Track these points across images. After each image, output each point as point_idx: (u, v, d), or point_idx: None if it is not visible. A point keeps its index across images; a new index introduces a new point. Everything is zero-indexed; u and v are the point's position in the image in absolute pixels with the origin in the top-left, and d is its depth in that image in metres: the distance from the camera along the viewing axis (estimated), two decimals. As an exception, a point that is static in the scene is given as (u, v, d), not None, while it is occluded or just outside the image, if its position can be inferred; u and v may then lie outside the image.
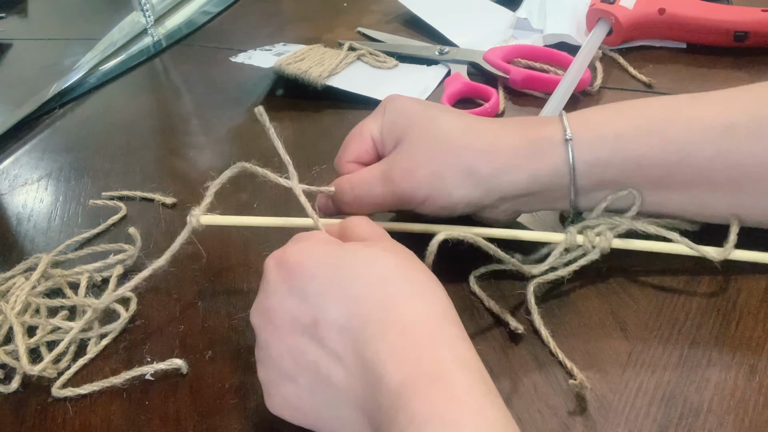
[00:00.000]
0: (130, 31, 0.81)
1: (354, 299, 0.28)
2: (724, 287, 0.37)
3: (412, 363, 0.26)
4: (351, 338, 0.27)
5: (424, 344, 0.26)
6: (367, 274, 0.29)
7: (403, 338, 0.26)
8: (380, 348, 0.26)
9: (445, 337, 0.27)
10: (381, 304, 0.28)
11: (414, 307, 0.28)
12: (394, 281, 0.29)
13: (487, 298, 0.38)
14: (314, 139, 0.57)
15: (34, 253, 0.45)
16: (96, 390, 0.36)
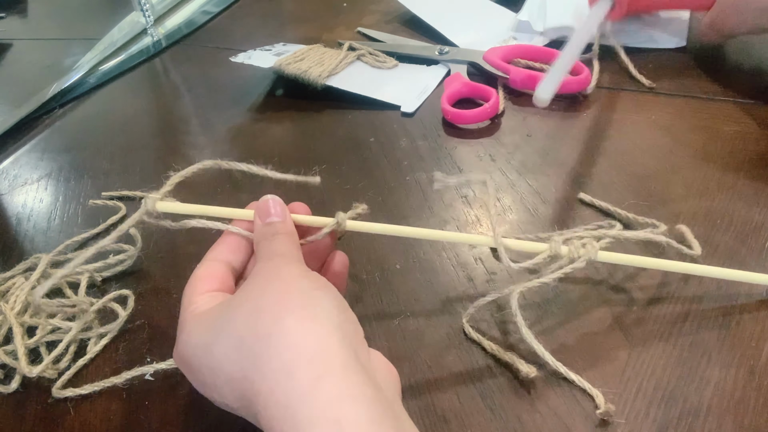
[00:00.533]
0: (130, 31, 0.81)
1: (231, 381, 0.27)
2: (724, 287, 0.37)
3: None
4: (254, 418, 0.26)
5: (282, 414, 0.24)
6: (226, 347, 0.27)
7: (269, 412, 0.24)
8: (263, 424, 0.25)
9: (299, 392, 0.24)
10: (244, 378, 0.26)
11: (268, 372, 0.25)
12: (246, 345, 0.26)
13: (488, 342, 0.36)
14: (314, 139, 0.57)
15: (33, 253, 0.45)
16: (96, 390, 0.36)
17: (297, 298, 0.27)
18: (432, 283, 0.40)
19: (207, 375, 0.28)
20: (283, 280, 0.28)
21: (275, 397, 0.24)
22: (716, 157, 0.48)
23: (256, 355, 0.26)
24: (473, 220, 0.45)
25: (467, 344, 0.36)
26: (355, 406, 0.24)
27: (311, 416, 0.23)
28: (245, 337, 0.26)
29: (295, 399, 0.24)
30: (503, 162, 0.50)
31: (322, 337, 0.26)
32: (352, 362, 0.25)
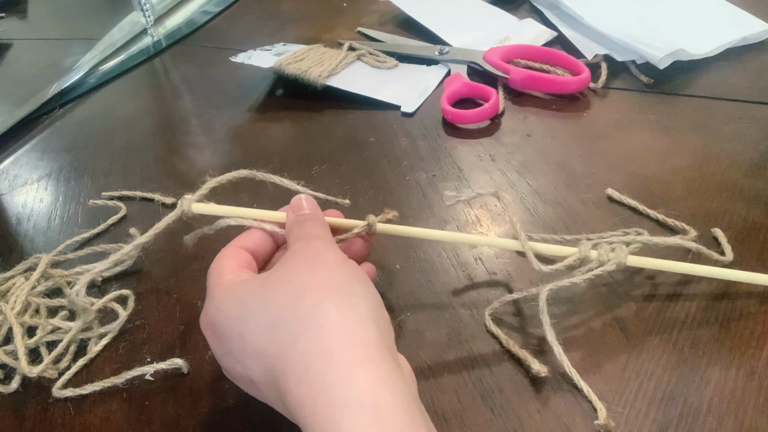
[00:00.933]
0: (130, 31, 0.81)
1: (260, 354, 0.27)
2: (724, 288, 0.37)
3: (311, 415, 0.24)
4: (277, 393, 0.27)
5: (316, 391, 0.25)
6: (262, 325, 0.27)
7: (300, 389, 0.25)
8: (290, 403, 0.25)
9: (336, 373, 0.25)
10: (278, 355, 0.26)
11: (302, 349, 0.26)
12: (282, 326, 0.27)
13: (506, 337, 0.36)
14: (314, 138, 0.57)
15: (34, 253, 0.46)
16: (96, 390, 0.36)
17: (341, 285, 0.28)
18: (432, 283, 0.40)
19: (235, 345, 0.28)
20: (326, 265, 0.29)
21: (310, 376, 0.25)
22: (716, 157, 0.48)
23: (294, 333, 0.26)
24: (473, 220, 0.45)
25: (467, 344, 0.36)
26: (392, 395, 0.24)
27: (348, 398, 0.24)
28: (284, 316, 0.27)
29: (332, 380, 0.24)
30: (503, 162, 0.50)
31: (361, 326, 0.26)
32: (388, 356, 0.26)
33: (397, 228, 0.37)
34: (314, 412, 0.24)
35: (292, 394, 0.25)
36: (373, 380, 0.24)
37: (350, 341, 0.25)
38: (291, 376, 0.25)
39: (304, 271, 0.28)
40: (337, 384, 0.24)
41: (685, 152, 0.49)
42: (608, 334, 0.35)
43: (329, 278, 0.28)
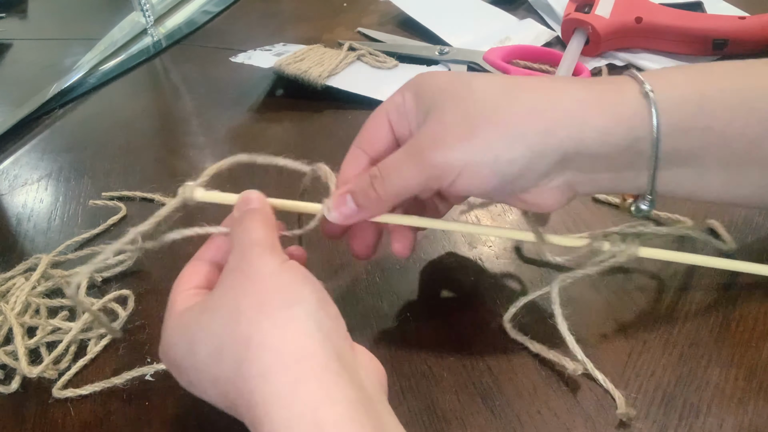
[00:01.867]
0: (130, 31, 0.81)
1: (213, 382, 0.27)
2: (724, 287, 0.37)
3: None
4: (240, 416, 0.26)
5: (257, 415, 0.24)
6: (205, 351, 0.27)
7: (249, 414, 0.25)
8: (247, 424, 0.25)
9: (274, 396, 0.24)
10: (227, 379, 0.26)
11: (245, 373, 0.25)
12: (227, 349, 0.26)
13: (531, 341, 0.35)
14: (314, 139, 0.57)
15: (34, 253, 0.45)
16: (96, 390, 0.36)
17: (275, 298, 0.27)
18: (432, 283, 0.40)
19: (192, 375, 0.28)
20: (260, 278, 0.28)
21: (255, 400, 0.24)
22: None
23: (236, 358, 0.26)
24: (473, 220, 0.45)
25: (467, 344, 0.36)
26: (334, 408, 0.24)
27: (289, 420, 0.23)
28: (225, 341, 0.26)
29: (274, 402, 0.24)
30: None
31: (300, 339, 0.25)
32: (332, 364, 0.25)
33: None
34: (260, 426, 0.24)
35: (246, 418, 0.25)
36: (315, 396, 0.24)
37: (289, 358, 0.25)
38: (241, 401, 0.25)
39: (237, 289, 0.27)
40: (279, 406, 0.24)
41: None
42: (608, 333, 0.35)
43: (263, 294, 0.27)
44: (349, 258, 0.43)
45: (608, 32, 0.59)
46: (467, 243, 0.43)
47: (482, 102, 0.30)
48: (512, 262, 0.41)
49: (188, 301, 0.30)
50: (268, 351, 0.25)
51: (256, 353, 0.25)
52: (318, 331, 0.26)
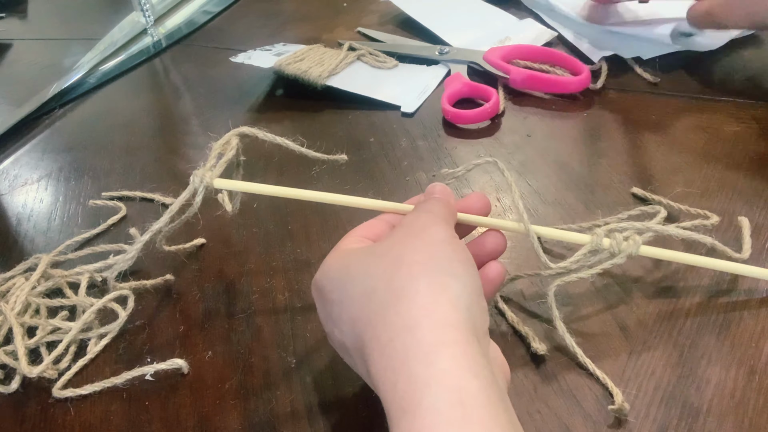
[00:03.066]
0: (130, 31, 0.81)
1: (353, 320, 0.27)
2: (724, 287, 0.37)
3: (390, 389, 0.24)
4: (363, 360, 0.27)
5: (398, 365, 0.24)
6: (359, 292, 0.27)
7: (384, 360, 0.25)
8: (374, 373, 0.25)
9: (420, 349, 0.24)
10: (368, 323, 0.26)
11: (390, 319, 0.26)
12: (376, 295, 0.27)
13: (511, 312, 0.36)
14: (314, 138, 0.56)
15: (34, 253, 0.46)
16: (96, 390, 0.36)
17: (439, 263, 0.27)
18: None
19: (335, 309, 0.28)
20: (428, 241, 0.28)
21: (394, 348, 0.25)
22: (716, 157, 0.48)
23: (384, 304, 0.26)
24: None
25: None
26: (475, 382, 0.23)
27: (430, 376, 0.23)
28: (379, 285, 0.27)
29: (415, 355, 0.24)
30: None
31: (450, 309, 0.25)
32: (474, 341, 0.25)
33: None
34: (394, 387, 0.24)
35: (375, 364, 0.25)
36: (458, 362, 0.24)
37: (437, 320, 0.25)
38: (376, 346, 0.25)
39: (407, 244, 0.28)
40: (419, 361, 0.24)
41: (685, 152, 0.49)
42: (608, 333, 0.35)
43: (428, 254, 0.27)
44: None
45: None
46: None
47: None
48: (511, 262, 0.41)
49: (355, 244, 0.31)
50: (419, 308, 0.25)
51: (406, 306, 0.25)
52: (466, 310, 0.26)
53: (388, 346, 0.25)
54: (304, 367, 0.36)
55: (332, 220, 0.46)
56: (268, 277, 0.42)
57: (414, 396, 0.23)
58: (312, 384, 0.35)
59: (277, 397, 0.34)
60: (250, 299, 0.41)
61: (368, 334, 0.26)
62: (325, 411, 0.33)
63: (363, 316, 0.27)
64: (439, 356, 0.24)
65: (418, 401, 0.23)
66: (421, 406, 0.22)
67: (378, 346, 0.25)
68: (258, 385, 0.35)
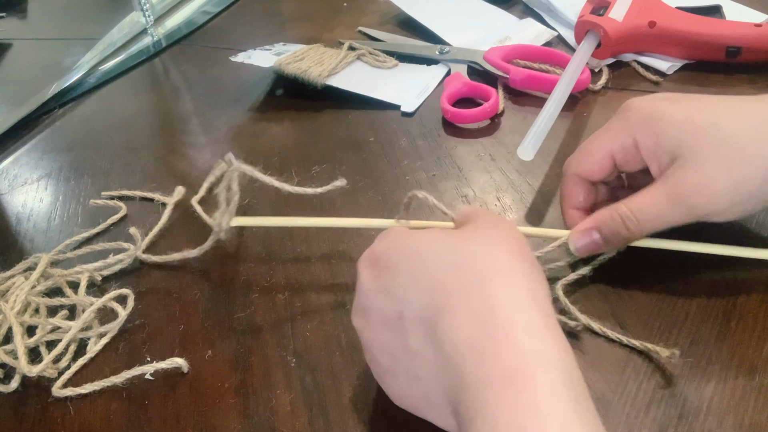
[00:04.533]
0: (130, 31, 0.81)
1: (430, 289, 0.27)
2: (724, 287, 0.37)
3: (490, 357, 0.24)
4: (430, 329, 0.26)
5: (502, 335, 0.24)
6: (443, 265, 0.27)
7: (479, 328, 0.25)
8: (457, 340, 0.25)
9: (528, 324, 0.25)
10: (455, 292, 0.26)
11: (490, 291, 0.26)
12: (469, 268, 0.27)
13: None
14: (314, 138, 0.57)
15: (33, 252, 0.46)
16: (96, 390, 0.36)
17: (529, 260, 0.28)
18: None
19: (399, 279, 0.28)
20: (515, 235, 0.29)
21: (496, 320, 0.25)
22: (716, 156, 0.48)
23: (481, 278, 0.26)
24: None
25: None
26: (578, 371, 0.24)
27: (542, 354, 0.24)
28: (472, 261, 0.27)
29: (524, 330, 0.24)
30: (503, 162, 0.50)
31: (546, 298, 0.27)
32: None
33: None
34: (497, 356, 0.24)
35: (464, 331, 0.25)
36: (562, 347, 0.24)
37: (541, 304, 0.26)
38: (466, 314, 0.25)
39: (496, 232, 0.29)
40: (529, 336, 0.24)
41: (685, 152, 0.49)
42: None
43: (520, 251, 0.28)
44: (349, 257, 0.43)
45: (620, 36, 0.58)
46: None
47: (740, 147, 0.33)
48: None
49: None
50: (522, 287, 0.26)
51: (508, 282, 0.26)
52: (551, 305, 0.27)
53: (488, 316, 0.25)
54: (304, 367, 0.36)
55: (332, 220, 0.46)
56: (268, 277, 0.42)
57: (526, 369, 0.23)
58: (312, 384, 0.35)
59: (277, 397, 0.34)
60: (250, 299, 0.41)
61: (454, 302, 0.26)
62: (325, 411, 0.33)
63: (447, 287, 0.26)
64: (545, 337, 0.24)
65: (531, 375, 0.23)
66: (534, 379, 0.23)
67: (473, 314, 0.25)
68: (258, 385, 0.35)
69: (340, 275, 0.42)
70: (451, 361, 0.25)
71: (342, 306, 0.39)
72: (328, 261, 0.43)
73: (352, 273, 0.41)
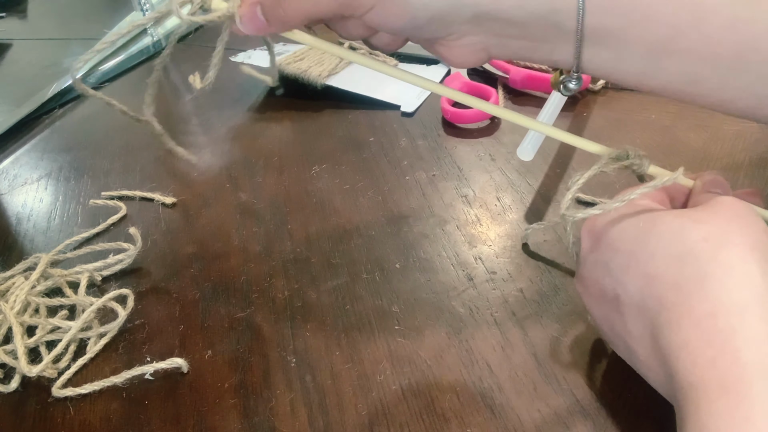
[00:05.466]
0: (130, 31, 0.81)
1: (650, 278, 0.26)
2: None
3: (704, 364, 0.23)
4: (648, 320, 0.26)
5: (720, 342, 0.23)
6: (666, 251, 0.26)
7: (697, 332, 0.24)
8: (672, 339, 0.24)
9: (751, 334, 0.23)
10: (675, 286, 0.25)
11: (713, 293, 0.24)
12: (693, 260, 0.25)
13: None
14: (314, 138, 0.57)
15: (33, 252, 0.46)
16: (96, 389, 0.36)
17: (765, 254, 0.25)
18: (432, 282, 0.40)
19: (619, 260, 0.27)
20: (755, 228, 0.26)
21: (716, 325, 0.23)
22: (716, 157, 0.48)
23: (703, 273, 0.25)
24: (473, 220, 0.45)
25: (467, 343, 0.36)
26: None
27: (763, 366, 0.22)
28: (699, 253, 0.25)
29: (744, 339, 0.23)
30: (503, 161, 0.50)
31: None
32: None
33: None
34: (713, 362, 0.23)
35: (683, 332, 0.24)
36: None
37: (766, 309, 0.23)
38: (687, 313, 0.24)
39: (731, 221, 0.26)
40: (749, 347, 0.22)
41: (685, 152, 0.49)
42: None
43: (755, 239, 0.25)
44: (349, 257, 0.43)
45: None
46: (467, 242, 0.43)
47: None
48: (511, 261, 0.41)
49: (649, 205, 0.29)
50: (750, 291, 0.24)
51: (736, 283, 0.24)
52: None
53: (707, 321, 0.23)
54: (304, 367, 0.36)
55: (332, 220, 0.46)
56: (268, 277, 0.42)
57: (742, 377, 0.22)
58: (312, 384, 0.35)
59: (277, 397, 0.34)
60: (250, 299, 0.41)
61: (673, 298, 0.25)
62: (325, 411, 0.33)
63: (668, 277, 0.25)
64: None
65: (748, 386, 0.22)
66: (751, 392, 0.22)
67: (692, 316, 0.24)
68: (258, 385, 0.35)
69: (341, 275, 0.42)
70: (666, 360, 0.24)
71: (342, 306, 0.39)
72: (327, 261, 0.43)
73: (352, 272, 0.41)
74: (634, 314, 0.27)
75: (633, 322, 0.27)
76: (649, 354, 0.26)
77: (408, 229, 0.45)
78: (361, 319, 0.38)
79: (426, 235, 0.44)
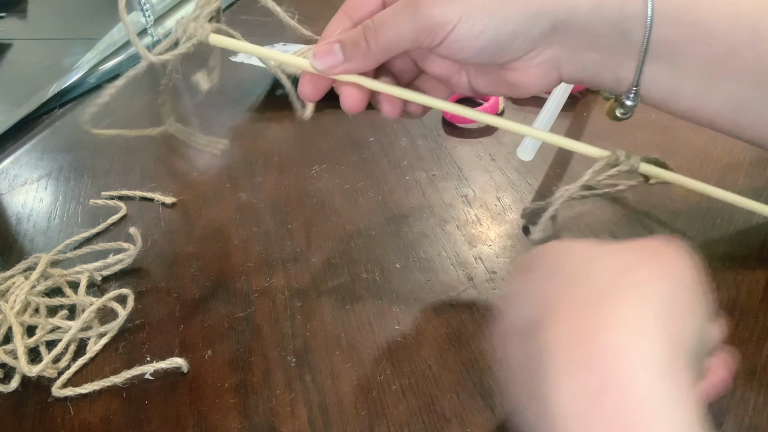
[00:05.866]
0: (130, 31, 0.81)
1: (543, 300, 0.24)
2: (724, 287, 0.37)
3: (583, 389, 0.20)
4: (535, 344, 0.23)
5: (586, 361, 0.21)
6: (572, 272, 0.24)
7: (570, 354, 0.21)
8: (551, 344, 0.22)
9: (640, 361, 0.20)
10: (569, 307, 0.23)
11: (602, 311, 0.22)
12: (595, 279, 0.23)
13: None
14: (314, 138, 0.57)
15: (33, 252, 0.45)
16: (96, 389, 0.36)
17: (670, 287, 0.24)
18: (432, 282, 0.40)
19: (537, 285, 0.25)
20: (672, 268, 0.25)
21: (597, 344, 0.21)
22: (716, 157, 0.48)
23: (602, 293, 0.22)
24: (473, 220, 0.45)
25: (467, 344, 0.36)
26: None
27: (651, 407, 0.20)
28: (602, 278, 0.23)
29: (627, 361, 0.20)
30: (503, 161, 0.50)
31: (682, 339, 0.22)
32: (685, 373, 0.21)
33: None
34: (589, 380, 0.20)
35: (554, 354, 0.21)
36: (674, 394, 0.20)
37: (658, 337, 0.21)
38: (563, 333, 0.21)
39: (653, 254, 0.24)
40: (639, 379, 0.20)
41: (685, 152, 0.49)
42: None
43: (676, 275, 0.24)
44: (349, 257, 0.43)
45: None
46: (467, 242, 0.43)
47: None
48: (512, 261, 0.41)
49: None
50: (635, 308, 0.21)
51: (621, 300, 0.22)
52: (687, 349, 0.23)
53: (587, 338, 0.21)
54: (304, 367, 0.36)
55: (332, 219, 0.46)
56: (268, 277, 0.42)
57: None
58: (312, 384, 0.35)
59: (277, 397, 0.34)
60: (250, 299, 0.41)
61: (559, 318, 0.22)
62: (325, 411, 0.33)
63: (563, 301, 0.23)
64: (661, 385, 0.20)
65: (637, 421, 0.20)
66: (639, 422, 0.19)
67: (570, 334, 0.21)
68: (258, 385, 0.35)
69: (341, 275, 0.42)
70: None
71: (342, 306, 0.39)
72: (328, 261, 0.43)
73: (351, 272, 0.41)
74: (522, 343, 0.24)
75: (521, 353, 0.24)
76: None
77: (408, 229, 0.45)
78: (361, 319, 0.38)
79: (426, 235, 0.44)
